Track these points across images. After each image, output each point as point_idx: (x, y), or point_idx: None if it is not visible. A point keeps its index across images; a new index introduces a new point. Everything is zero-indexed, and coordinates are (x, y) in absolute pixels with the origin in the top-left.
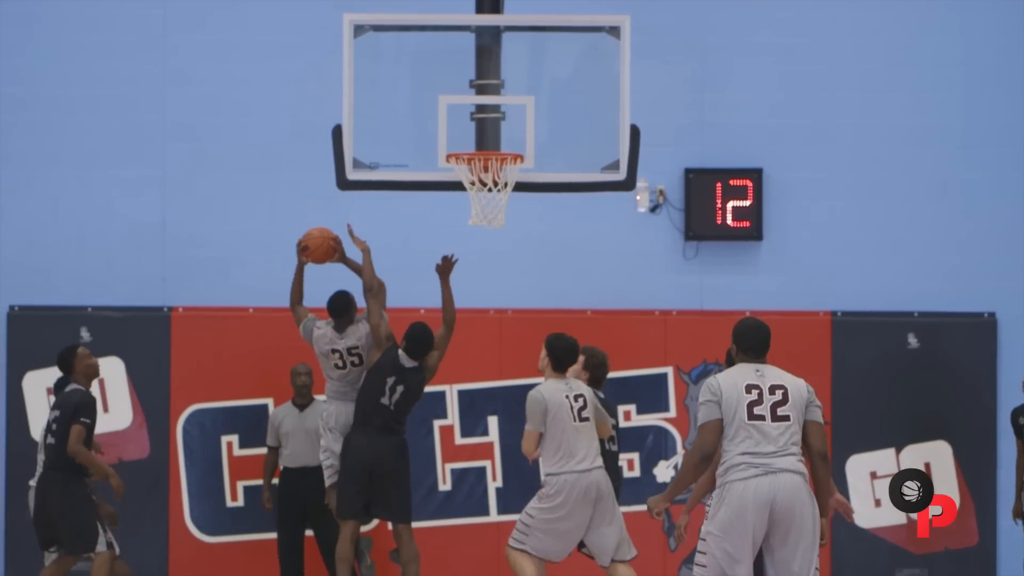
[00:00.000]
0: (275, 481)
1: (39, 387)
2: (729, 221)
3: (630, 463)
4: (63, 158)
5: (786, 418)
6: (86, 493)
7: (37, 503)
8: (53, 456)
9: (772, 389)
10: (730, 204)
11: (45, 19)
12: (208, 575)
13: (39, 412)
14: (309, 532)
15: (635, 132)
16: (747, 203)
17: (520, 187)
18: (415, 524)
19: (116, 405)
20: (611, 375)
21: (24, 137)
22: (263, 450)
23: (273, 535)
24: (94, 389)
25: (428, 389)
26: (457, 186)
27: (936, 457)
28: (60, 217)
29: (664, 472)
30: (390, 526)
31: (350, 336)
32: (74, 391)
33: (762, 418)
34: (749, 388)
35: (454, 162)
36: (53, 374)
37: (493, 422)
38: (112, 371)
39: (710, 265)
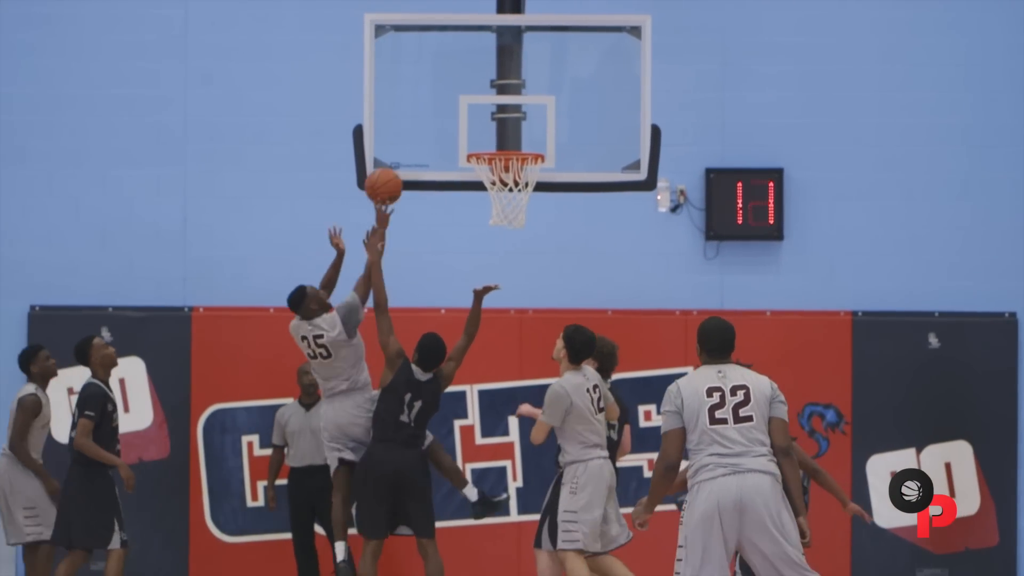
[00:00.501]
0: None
1: (60, 387)
2: (750, 221)
3: (650, 463)
4: (84, 158)
5: (749, 419)
6: (108, 488)
7: (62, 498)
8: (75, 451)
9: (734, 390)
10: (751, 204)
11: (65, 19)
12: (228, 575)
13: (61, 411)
14: (321, 532)
15: (656, 132)
16: (768, 203)
17: (541, 187)
18: (435, 524)
19: (136, 405)
20: (632, 375)
21: (45, 137)
22: None
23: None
24: (114, 386)
25: (449, 389)
26: (478, 186)
27: (957, 457)
28: (81, 217)
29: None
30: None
31: (317, 325)
32: (86, 385)
33: (724, 422)
34: (710, 391)
35: (475, 162)
36: (74, 373)
37: (514, 422)
38: (132, 371)
39: (731, 265)
